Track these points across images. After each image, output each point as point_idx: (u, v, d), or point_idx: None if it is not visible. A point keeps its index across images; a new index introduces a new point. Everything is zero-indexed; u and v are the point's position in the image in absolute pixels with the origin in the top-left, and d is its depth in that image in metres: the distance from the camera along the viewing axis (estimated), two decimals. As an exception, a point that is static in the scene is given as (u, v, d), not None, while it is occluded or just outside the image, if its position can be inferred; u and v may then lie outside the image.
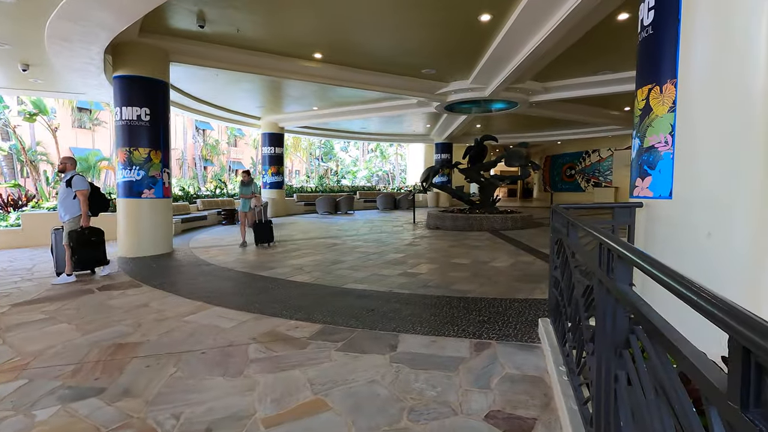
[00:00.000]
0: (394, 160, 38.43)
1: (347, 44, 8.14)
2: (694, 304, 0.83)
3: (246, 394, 2.51)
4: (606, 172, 22.27)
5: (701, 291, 0.83)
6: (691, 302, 0.85)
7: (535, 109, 12.62)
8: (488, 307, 4.17)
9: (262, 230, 8.41)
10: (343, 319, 3.87)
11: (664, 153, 3.09)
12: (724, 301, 0.75)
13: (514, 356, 3.03)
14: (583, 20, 5.95)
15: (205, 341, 3.37)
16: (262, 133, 16.26)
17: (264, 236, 8.39)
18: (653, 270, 1.09)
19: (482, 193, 12.36)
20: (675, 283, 0.93)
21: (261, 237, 8.39)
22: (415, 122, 17.15)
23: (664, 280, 1.00)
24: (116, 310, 4.25)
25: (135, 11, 5.17)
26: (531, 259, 6.69)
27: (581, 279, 2.21)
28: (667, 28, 3.06)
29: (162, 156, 7.64)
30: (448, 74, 10.21)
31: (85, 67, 7.29)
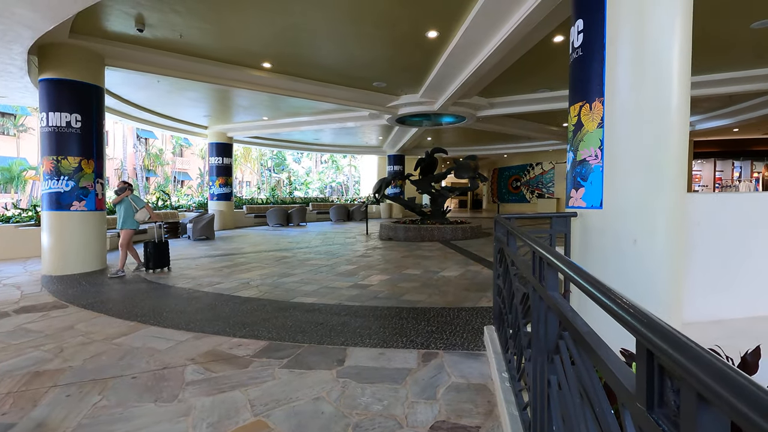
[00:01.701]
0: (347, 172, 38.41)
1: (297, 55, 8.07)
2: (606, 307, 0.86)
3: (179, 420, 2.34)
4: (549, 184, 23.53)
5: (612, 295, 0.87)
6: (604, 306, 0.88)
7: (481, 123, 13.13)
8: (437, 317, 4.21)
9: (159, 252, 7.01)
10: (289, 334, 3.75)
11: (595, 166, 3.30)
12: (632, 305, 0.78)
13: (461, 365, 3.07)
14: (522, 41, 6.30)
15: (137, 365, 3.12)
16: (209, 143, 15.66)
17: (160, 259, 7.00)
18: (575, 276, 1.13)
19: (433, 204, 12.61)
20: (592, 287, 0.97)
21: (157, 259, 6.96)
22: (367, 134, 17.27)
23: (583, 285, 1.04)
24: (35, 334, 3.85)
25: (63, 10, 4.81)
26: (479, 269, 6.88)
27: (519, 287, 2.29)
28: (594, 50, 3.30)
29: (95, 165, 7.12)
30: (399, 88, 10.39)
31: (6, 68, 6.68)
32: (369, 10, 6.10)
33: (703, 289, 3.49)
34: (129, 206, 6.85)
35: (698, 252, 3.49)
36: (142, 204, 6.97)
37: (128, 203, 6.84)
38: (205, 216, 12.04)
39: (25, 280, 6.26)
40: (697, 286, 3.44)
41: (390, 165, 20.62)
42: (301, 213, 16.97)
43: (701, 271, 3.48)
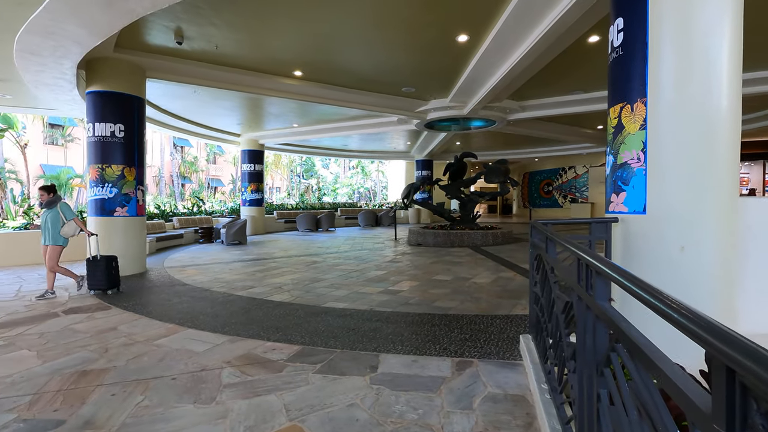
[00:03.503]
0: (375, 177, 38.58)
1: (327, 63, 8.19)
2: (675, 321, 0.81)
3: (218, 423, 2.38)
4: (582, 188, 22.84)
5: (681, 308, 0.81)
6: (671, 319, 0.82)
7: (512, 127, 12.91)
8: (470, 325, 4.13)
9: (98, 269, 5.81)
10: (322, 339, 3.77)
11: (637, 169, 3.16)
12: (706, 319, 0.73)
13: (496, 374, 2.99)
14: (555, 42, 6.15)
15: (176, 366, 3.21)
16: (242, 150, 16.10)
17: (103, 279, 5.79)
18: (632, 286, 1.07)
19: (463, 209, 12.47)
20: (654, 299, 0.92)
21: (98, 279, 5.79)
22: (395, 139, 17.31)
23: (644, 296, 0.98)
24: (81, 334, 4.03)
25: (109, 26, 5.07)
26: (511, 275, 6.72)
27: (561, 295, 2.20)
28: (635, 49, 3.17)
29: (136, 173, 7.44)
30: (428, 93, 10.37)
31: (57, 82, 7.09)
32: (398, 17, 6.12)
33: (757, 300, 3.27)
34: (57, 217, 5.69)
35: (752, 260, 3.27)
36: (71, 215, 5.79)
37: (56, 214, 5.70)
38: (237, 221, 12.35)
39: (72, 283, 6.57)
40: (752, 296, 3.22)
41: (418, 170, 20.57)
42: (329, 218, 17.15)
43: (756, 280, 3.26)
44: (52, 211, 5.70)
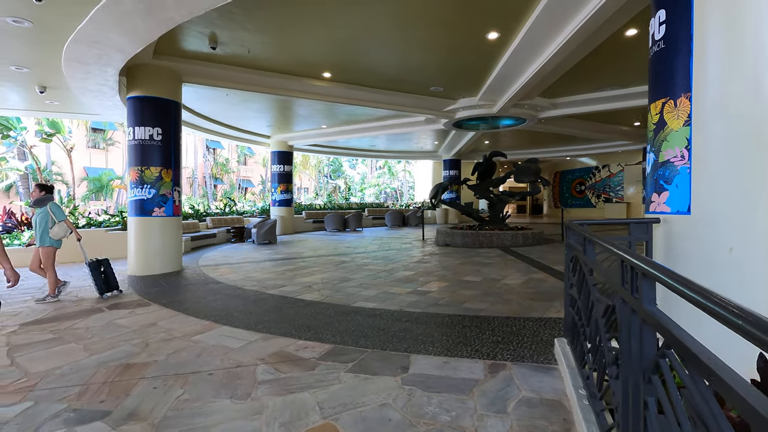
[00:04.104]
0: (402, 177, 38.55)
1: (356, 64, 8.25)
2: (737, 326, 0.76)
3: (254, 418, 2.43)
4: (617, 188, 22.07)
5: (743, 312, 0.77)
6: (733, 325, 0.78)
7: (543, 125, 12.61)
8: (501, 327, 4.06)
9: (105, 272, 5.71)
10: (352, 338, 3.79)
11: (681, 167, 3.02)
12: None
13: (531, 378, 2.92)
14: (590, 37, 5.96)
15: (212, 362, 3.30)
16: (272, 152, 16.44)
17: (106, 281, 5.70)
18: (687, 290, 1.02)
19: (492, 209, 12.28)
20: (715, 304, 0.87)
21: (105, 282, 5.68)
22: (423, 139, 17.24)
23: (701, 300, 0.94)
24: (124, 329, 4.21)
25: (149, 34, 5.29)
26: (543, 277, 6.56)
27: (601, 298, 2.13)
28: (679, 42, 3.03)
29: (173, 175, 7.72)
30: (456, 92, 10.27)
31: (100, 88, 7.45)
32: (427, 16, 6.09)
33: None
34: (46, 217, 5.49)
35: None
36: (62, 216, 5.60)
37: (46, 214, 5.50)
38: (267, 221, 12.62)
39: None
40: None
41: (445, 170, 20.41)
42: (357, 218, 17.26)
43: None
44: (42, 211, 5.51)
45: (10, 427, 2.38)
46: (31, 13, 4.90)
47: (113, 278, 5.78)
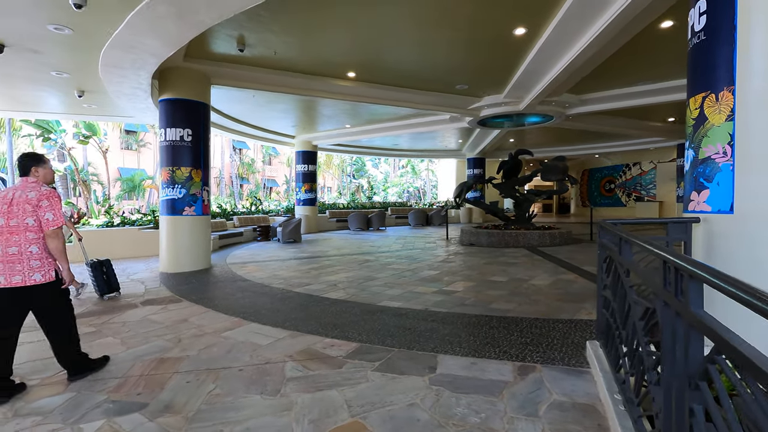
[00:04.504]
0: (425, 176, 38.39)
1: (380, 63, 8.25)
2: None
3: (283, 414, 2.47)
4: (648, 186, 21.32)
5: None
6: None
7: (571, 122, 12.30)
8: (530, 328, 3.98)
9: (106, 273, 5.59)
10: (378, 337, 3.79)
11: (723, 164, 2.88)
12: None
13: (562, 381, 2.85)
14: (623, 30, 5.77)
15: (242, 358, 3.37)
16: (296, 152, 16.65)
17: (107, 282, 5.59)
18: (741, 293, 0.97)
19: (517, 208, 12.06)
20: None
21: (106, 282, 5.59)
22: (447, 138, 17.11)
23: (757, 304, 0.88)
24: (157, 324, 4.35)
25: (180, 38, 5.44)
26: (572, 277, 6.40)
27: (639, 300, 2.06)
28: (721, 33, 2.89)
29: (202, 175, 7.92)
30: (481, 89, 10.14)
31: (134, 92, 7.72)
32: (452, 14, 6.02)
33: None
34: None
35: None
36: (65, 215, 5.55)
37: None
38: (292, 220, 12.79)
39: (147, 276, 7.14)
40: None
41: (469, 168, 20.20)
42: (380, 217, 17.29)
43: None
44: None
45: (55, 416, 2.49)
46: (71, 21, 5.12)
47: (114, 279, 5.70)
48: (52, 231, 2.82)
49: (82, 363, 3.08)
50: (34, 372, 3.15)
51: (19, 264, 2.76)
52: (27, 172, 2.93)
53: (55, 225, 2.82)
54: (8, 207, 2.77)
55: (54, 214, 2.83)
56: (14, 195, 2.80)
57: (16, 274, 2.75)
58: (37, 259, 2.81)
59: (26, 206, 2.77)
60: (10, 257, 2.75)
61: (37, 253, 2.81)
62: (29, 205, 2.77)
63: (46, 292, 2.87)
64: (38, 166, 2.97)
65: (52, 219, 2.82)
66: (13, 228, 2.77)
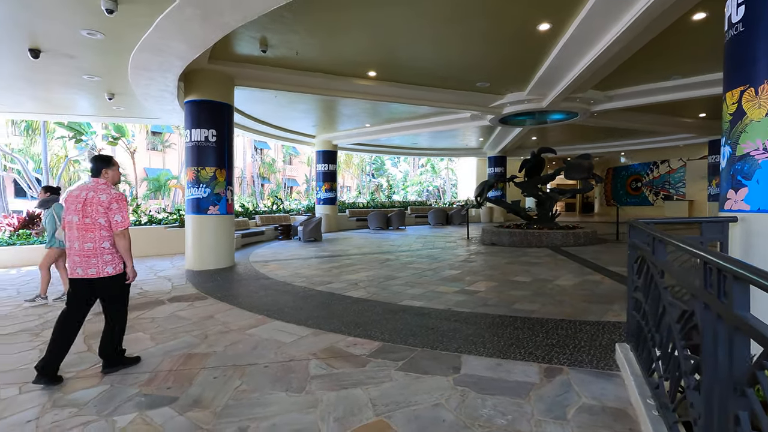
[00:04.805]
0: (444, 175, 38.13)
1: (401, 62, 8.23)
2: None
3: (309, 412, 2.49)
4: (677, 184, 20.63)
5: None
6: None
7: (596, 119, 12.00)
8: (556, 329, 3.90)
9: None
10: (401, 337, 3.79)
11: (763, 161, 2.76)
12: None
13: (591, 384, 2.78)
14: (652, 23, 5.58)
15: (267, 355, 3.42)
16: (317, 151, 16.79)
17: None
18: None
19: (540, 207, 11.84)
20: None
21: None
22: (467, 136, 16.94)
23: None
24: (184, 321, 4.45)
25: (206, 40, 5.55)
26: (599, 278, 6.25)
27: (675, 302, 1.99)
28: (760, 24, 2.77)
29: (226, 174, 8.07)
30: (503, 86, 10.00)
31: (161, 94, 7.92)
32: (475, 10, 5.95)
33: None
34: (52, 219, 5.34)
35: None
36: None
37: (51, 216, 5.35)
38: (313, 219, 12.91)
39: (173, 274, 7.32)
40: None
41: (490, 167, 19.95)
42: (400, 217, 17.27)
43: None
44: (48, 213, 5.41)
45: (89, 408, 2.58)
46: (103, 25, 5.29)
47: None
48: (120, 231, 3.09)
49: (117, 358, 3.20)
50: (70, 365, 3.26)
51: (94, 258, 3.04)
52: (98, 174, 3.18)
53: (123, 226, 3.10)
54: (82, 206, 3.04)
55: (122, 216, 3.10)
56: (87, 195, 3.05)
57: (91, 266, 3.04)
58: (109, 253, 3.09)
59: (99, 207, 3.04)
60: (86, 252, 3.03)
61: (108, 249, 3.09)
62: (101, 206, 3.04)
63: (115, 284, 3.14)
64: (108, 168, 3.22)
65: (120, 221, 3.09)
66: (87, 225, 3.04)
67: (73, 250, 3.06)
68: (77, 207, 3.04)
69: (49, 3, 4.73)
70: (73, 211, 3.05)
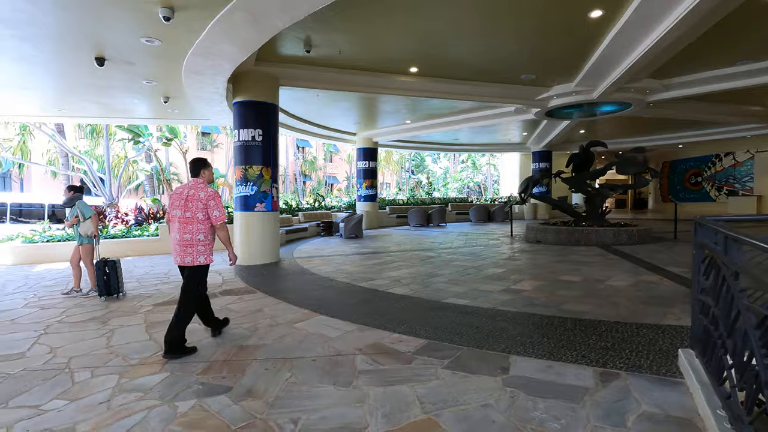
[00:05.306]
0: (485, 171, 37.36)
1: (443, 56, 8.12)
2: None
3: (357, 406, 2.51)
4: (744, 178, 19.04)
5: None
6: None
7: (652, 109, 11.29)
8: (610, 332, 3.72)
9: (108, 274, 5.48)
10: (446, 335, 3.75)
11: None
12: None
13: (651, 392, 2.63)
14: (718, 5, 5.17)
15: (314, 349, 3.49)
16: (357, 148, 16.95)
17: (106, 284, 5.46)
18: None
19: (589, 204, 11.32)
20: None
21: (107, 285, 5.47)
22: (510, 130, 16.49)
23: None
24: (235, 313, 4.64)
25: (254, 42, 5.73)
26: (656, 279, 5.89)
27: (753, 307, 1.83)
28: None
29: (272, 172, 8.32)
30: (550, 79, 9.63)
31: (212, 96, 8.28)
32: (523, 0, 5.77)
33: None
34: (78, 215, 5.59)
35: None
36: (89, 213, 5.69)
37: (76, 213, 5.61)
38: (354, 216, 13.05)
39: (224, 269, 7.64)
40: None
41: (535, 162, 19.33)
42: (440, 213, 17.11)
43: None
44: (73, 210, 5.64)
45: (154, 393, 2.75)
46: (160, 32, 5.58)
47: (114, 281, 5.48)
48: (220, 224, 3.57)
49: (178, 346, 3.41)
50: (134, 352, 3.49)
51: (190, 248, 3.48)
52: (197, 174, 3.64)
53: (221, 220, 3.55)
54: (185, 202, 3.48)
55: (219, 211, 3.54)
56: (188, 193, 3.51)
57: (187, 255, 3.47)
58: (202, 245, 3.52)
59: (198, 203, 3.48)
60: (184, 242, 3.47)
61: (202, 240, 3.51)
62: (200, 202, 3.48)
63: (199, 273, 3.57)
64: (205, 169, 3.68)
65: (218, 216, 3.53)
66: (188, 219, 3.47)
67: (174, 240, 3.50)
68: (180, 203, 3.48)
69: (113, 13, 5.05)
70: (177, 206, 3.49)
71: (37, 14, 5.00)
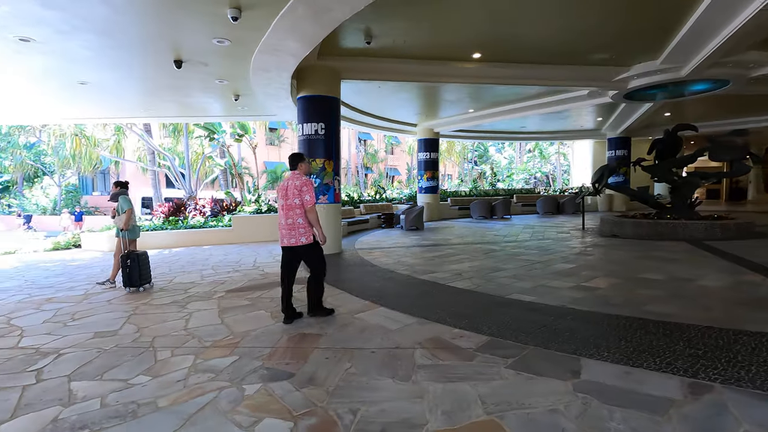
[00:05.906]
0: (554, 160, 35.35)
1: (508, 39, 7.72)
2: None
3: (416, 401, 2.46)
4: None
5: None
6: None
7: (754, 86, 9.88)
8: (701, 338, 3.31)
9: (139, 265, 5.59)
10: (510, 332, 3.57)
11: None
12: None
13: (753, 408, 2.29)
14: None
15: (374, 340, 3.50)
16: (418, 140, 16.79)
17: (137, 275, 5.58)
18: None
19: (676, 194, 10.23)
20: None
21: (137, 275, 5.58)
22: (583, 116, 15.37)
23: None
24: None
25: (316, 36, 5.83)
26: (759, 280, 5.17)
27: None
28: None
29: (334, 165, 8.48)
30: (629, 57, 8.78)
31: (277, 92, 8.60)
32: (599, -30, 5.27)
33: None
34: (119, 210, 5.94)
35: None
36: (126, 207, 5.89)
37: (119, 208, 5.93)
38: (415, 208, 12.98)
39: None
40: None
41: (611, 150, 17.88)
42: (505, 205, 16.48)
43: None
44: (118, 206, 5.91)
45: (224, 374, 2.91)
46: (229, 33, 5.87)
47: (136, 274, 5.56)
48: (310, 207, 4.00)
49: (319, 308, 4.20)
50: (207, 335, 3.74)
51: (293, 230, 4.00)
52: (295, 167, 4.16)
53: (311, 204, 3.99)
54: (285, 192, 4.02)
55: (310, 196, 3.99)
56: (288, 183, 4.03)
57: (292, 237, 4.01)
58: (302, 227, 4.01)
59: (295, 191, 3.97)
60: (288, 225, 4.01)
61: (301, 224, 4.01)
62: (297, 190, 3.97)
63: (309, 249, 4.10)
64: (302, 163, 4.18)
65: (309, 200, 3.98)
66: (289, 205, 3.99)
67: (281, 225, 4.06)
68: (284, 193, 4.02)
69: (188, 18, 5.39)
70: (281, 196, 4.06)
71: (124, 24, 5.48)
